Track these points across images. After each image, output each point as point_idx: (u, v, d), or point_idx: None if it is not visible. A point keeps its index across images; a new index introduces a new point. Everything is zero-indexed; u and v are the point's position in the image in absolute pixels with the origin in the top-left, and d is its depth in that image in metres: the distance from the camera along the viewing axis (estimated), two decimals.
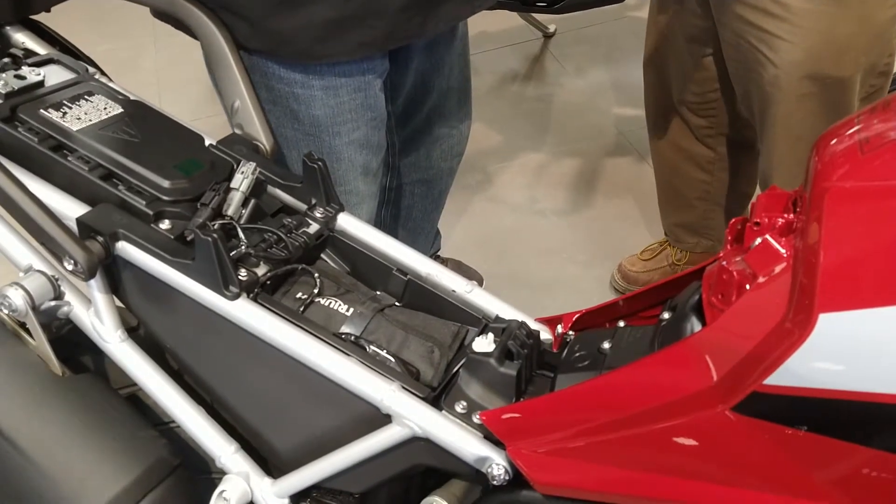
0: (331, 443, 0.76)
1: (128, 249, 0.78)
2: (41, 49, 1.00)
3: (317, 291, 0.81)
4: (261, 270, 0.80)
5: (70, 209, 0.80)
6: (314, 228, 0.87)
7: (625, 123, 2.50)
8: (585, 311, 0.84)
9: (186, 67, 2.57)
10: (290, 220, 0.86)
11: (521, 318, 0.82)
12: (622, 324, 0.80)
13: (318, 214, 0.88)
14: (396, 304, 0.86)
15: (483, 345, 0.74)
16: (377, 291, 0.87)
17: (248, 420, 0.82)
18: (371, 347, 0.77)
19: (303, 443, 0.79)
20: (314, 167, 0.87)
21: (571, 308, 0.86)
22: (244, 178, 0.83)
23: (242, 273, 0.77)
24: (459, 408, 0.72)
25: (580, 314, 0.84)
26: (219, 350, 0.81)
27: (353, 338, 0.78)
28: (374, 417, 0.73)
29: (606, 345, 0.75)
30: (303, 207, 0.89)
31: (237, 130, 0.98)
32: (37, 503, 0.81)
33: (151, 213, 0.80)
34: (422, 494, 0.76)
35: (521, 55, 2.92)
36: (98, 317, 0.82)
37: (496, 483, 0.69)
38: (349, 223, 0.90)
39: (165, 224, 0.80)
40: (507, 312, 0.84)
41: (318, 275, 0.83)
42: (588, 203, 2.23)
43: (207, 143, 0.91)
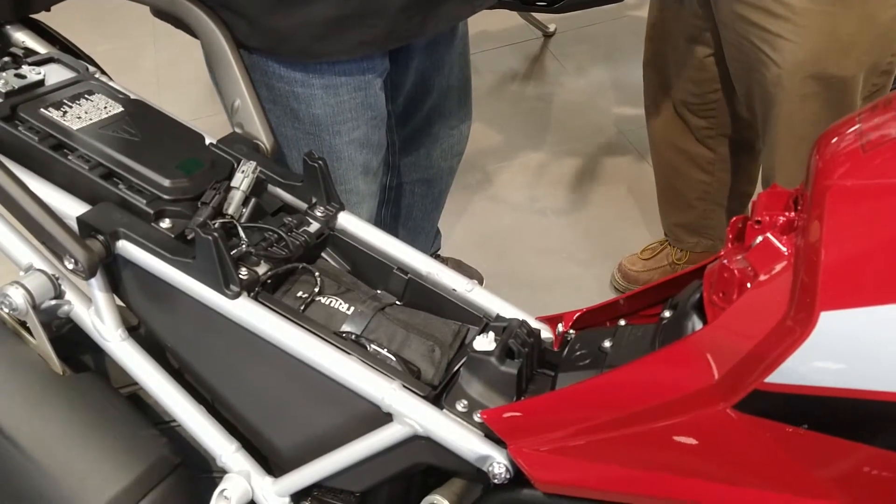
0: (332, 441, 0.76)
1: (128, 248, 0.78)
2: (41, 48, 1.00)
3: (317, 290, 0.81)
4: (261, 269, 0.80)
5: (70, 208, 0.80)
6: (315, 227, 0.87)
7: (625, 123, 2.50)
8: (586, 310, 0.84)
9: (186, 67, 2.57)
10: (291, 219, 0.86)
11: (522, 317, 0.82)
12: (623, 322, 0.80)
13: (319, 213, 0.88)
14: (397, 303, 0.86)
15: (484, 343, 0.73)
16: (378, 290, 0.87)
17: (249, 419, 0.82)
18: (372, 346, 0.77)
19: (304, 441, 0.79)
20: (314, 166, 0.87)
21: (572, 307, 0.85)
22: (245, 177, 0.82)
23: (243, 272, 0.77)
24: (460, 406, 0.72)
25: (581, 313, 0.84)
26: (219, 349, 0.81)
27: (354, 336, 0.78)
28: (375, 416, 0.73)
29: (607, 343, 0.75)
30: (303, 206, 0.89)
31: (237, 129, 0.98)
32: (37, 502, 0.81)
33: (152, 212, 0.79)
34: (423, 493, 0.76)
35: (521, 54, 2.92)
36: (98, 316, 0.82)
37: (497, 482, 0.69)
38: (350, 222, 0.90)
39: (166, 223, 0.80)
40: (508, 311, 0.84)
41: (319, 274, 0.83)
42: (588, 202, 2.23)
43: (208, 142, 0.91)
